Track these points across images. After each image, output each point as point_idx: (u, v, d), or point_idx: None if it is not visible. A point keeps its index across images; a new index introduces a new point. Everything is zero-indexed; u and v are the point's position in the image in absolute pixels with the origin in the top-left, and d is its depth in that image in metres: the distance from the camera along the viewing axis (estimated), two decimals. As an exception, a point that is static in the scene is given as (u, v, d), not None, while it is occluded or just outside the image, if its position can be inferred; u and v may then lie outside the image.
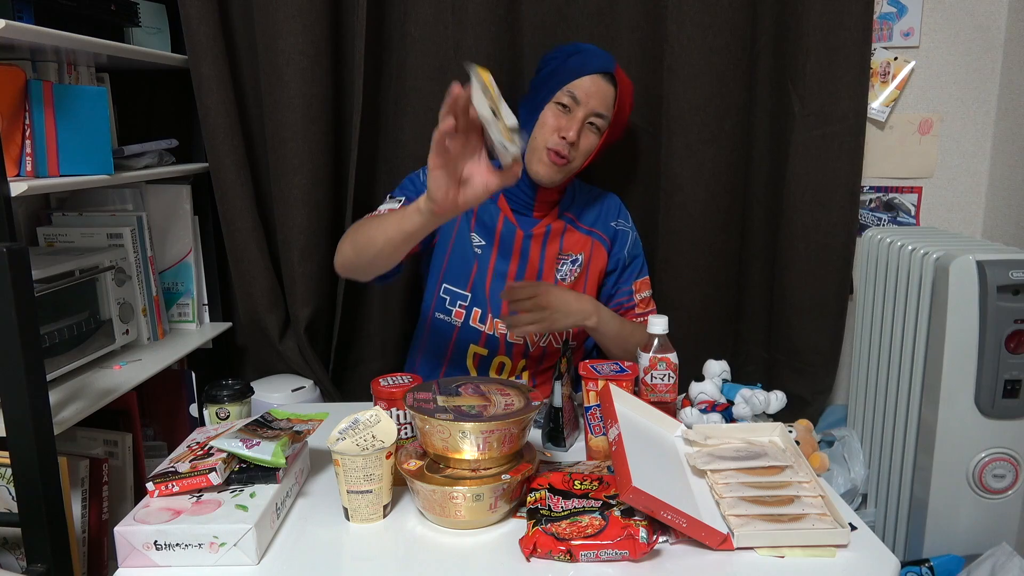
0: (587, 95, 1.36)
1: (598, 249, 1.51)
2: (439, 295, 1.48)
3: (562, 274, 1.48)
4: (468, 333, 1.48)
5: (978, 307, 1.31)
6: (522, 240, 1.47)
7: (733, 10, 1.58)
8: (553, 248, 1.48)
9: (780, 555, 0.90)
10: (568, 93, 1.36)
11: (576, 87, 1.35)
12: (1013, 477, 1.35)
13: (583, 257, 1.50)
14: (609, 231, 1.52)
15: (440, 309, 1.48)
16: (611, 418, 1.04)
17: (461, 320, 1.47)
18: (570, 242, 1.49)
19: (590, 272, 1.51)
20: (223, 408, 1.16)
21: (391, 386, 1.08)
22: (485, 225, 1.46)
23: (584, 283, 1.50)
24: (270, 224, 1.69)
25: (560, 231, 1.48)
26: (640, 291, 1.56)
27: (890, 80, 1.72)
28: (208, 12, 1.52)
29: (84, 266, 1.38)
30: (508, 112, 0.94)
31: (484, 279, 1.46)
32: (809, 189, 1.64)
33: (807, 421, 1.18)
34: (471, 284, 1.46)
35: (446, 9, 1.59)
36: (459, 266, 1.46)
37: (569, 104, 1.36)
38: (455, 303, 1.47)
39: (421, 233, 1.10)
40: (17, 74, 1.22)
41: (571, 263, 1.49)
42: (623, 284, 1.55)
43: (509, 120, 0.94)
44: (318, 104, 1.58)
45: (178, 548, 0.88)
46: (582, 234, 1.50)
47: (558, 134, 1.36)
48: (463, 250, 1.46)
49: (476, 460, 0.97)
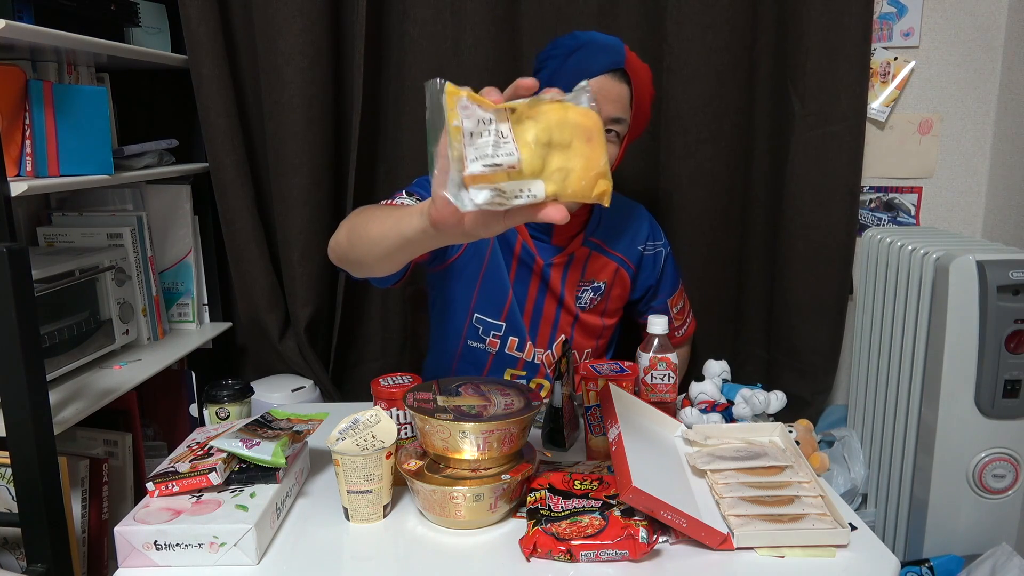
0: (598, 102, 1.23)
1: (621, 276, 1.41)
2: (471, 324, 1.37)
3: (582, 302, 1.39)
4: (504, 360, 1.40)
5: (978, 307, 1.31)
6: (542, 268, 1.36)
7: (733, 10, 1.58)
8: (575, 275, 1.38)
9: (780, 555, 0.90)
10: None
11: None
12: (1013, 477, 1.35)
13: (605, 285, 1.40)
14: (635, 256, 1.42)
15: (473, 337, 1.38)
16: (611, 418, 1.04)
17: (496, 348, 1.38)
18: (594, 268, 1.39)
19: (610, 299, 1.42)
20: (223, 408, 1.16)
21: (391, 386, 1.08)
22: (506, 246, 1.36)
23: (603, 310, 1.42)
24: (270, 224, 1.69)
25: (584, 258, 1.37)
26: (675, 305, 1.50)
27: (890, 80, 1.72)
28: (208, 12, 1.52)
29: (84, 266, 1.38)
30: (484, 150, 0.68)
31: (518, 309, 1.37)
32: (809, 189, 1.64)
33: (807, 421, 1.18)
34: (505, 315, 1.36)
35: (445, 9, 1.59)
36: (493, 296, 1.36)
37: None
38: (488, 332, 1.37)
39: (419, 242, 0.87)
40: (17, 74, 1.22)
41: (592, 291, 1.39)
42: (656, 303, 1.49)
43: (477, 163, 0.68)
44: (318, 104, 1.58)
45: (178, 548, 0.88)
46: (607, 259, 1.40)
47: None
48: (498, 279, 1.35)
49: (476, 460, 0.97)
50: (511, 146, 0.69)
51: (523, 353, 1.39)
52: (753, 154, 1.71)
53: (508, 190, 0.69)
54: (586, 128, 0.71)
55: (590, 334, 1.43)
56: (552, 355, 1.41)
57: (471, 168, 0.67)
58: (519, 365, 1.40)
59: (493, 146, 0.68)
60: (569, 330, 1.41)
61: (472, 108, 0.68)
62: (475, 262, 1.35)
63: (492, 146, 0.68)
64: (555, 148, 0.70)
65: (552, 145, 0.70)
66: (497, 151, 0.68)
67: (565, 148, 0.71)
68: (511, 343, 1.38)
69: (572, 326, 1.41)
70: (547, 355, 1.41)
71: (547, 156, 0.70)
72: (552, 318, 1.39)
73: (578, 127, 0.71)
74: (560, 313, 1.39)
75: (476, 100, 0.68)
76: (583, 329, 1.42)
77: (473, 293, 1.36)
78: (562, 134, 0.70)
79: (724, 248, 1.71)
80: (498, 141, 0.68)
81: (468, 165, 0.67)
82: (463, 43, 1.59)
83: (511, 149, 0.69)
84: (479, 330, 1.38)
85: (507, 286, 1.35)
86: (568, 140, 0.70)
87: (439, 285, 1.41)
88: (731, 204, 1.70)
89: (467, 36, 1.58)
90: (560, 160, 0.70)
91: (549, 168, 0.70)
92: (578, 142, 0.71)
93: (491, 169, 0.68)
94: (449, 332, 1.41)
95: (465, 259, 1.35)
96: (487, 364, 1.40)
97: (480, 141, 0.68)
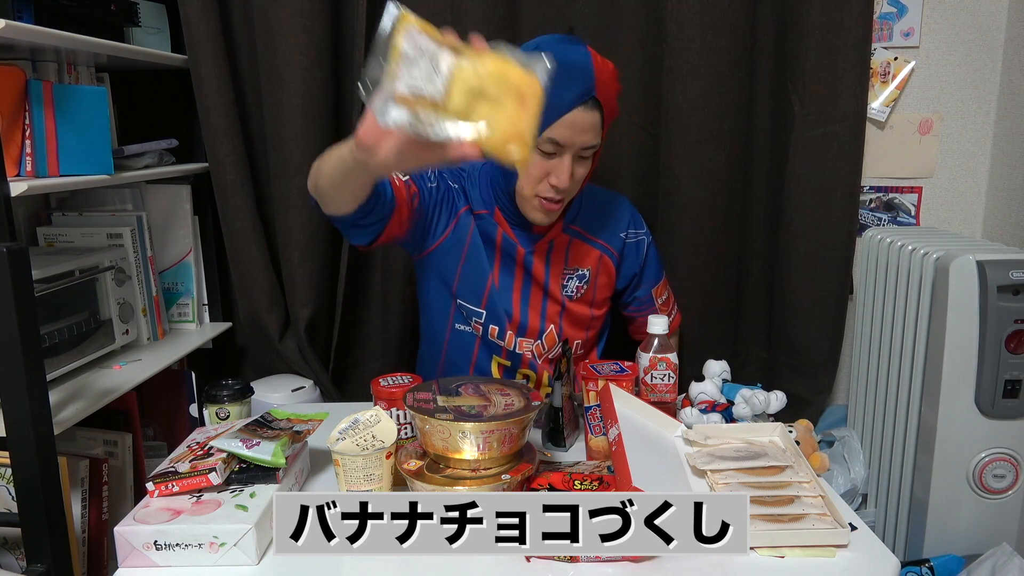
0: (570, 138, 1.18)
1: (605, 264, 1.43)
2: (456, 308, 1.40)
3: (568, 291, 1.40)
4: (489, 346, 1.41)
5: (978, 307, 1.31)
6: (524, 256, 1.37)
7: (733, 10, 1.58)
8: (558, 262, 1.39)
9: (780, 555, 0.90)
10: (548, 140, 1.17)
11: (555, 132, 1.17)
12: (1013, 477, 1.35)
13: (590, 273, 1.41)
14: (618, 243, 1.43)
15: (459, 320, 1.41)
16: (611, 418, 1.04)
17: (480, 333, 1.40)
18: (576, 255, 1.40)
19: (597, 288, 1.43)
20: (223, 408, 1.16)
21: (391, 386, 1.08)
22: (487, 238, 1.38)
23: (591, 299, 1.43)
24: (270, 224, 1.69)
25: (565, 244, 1.38)
26: (660, 295, 1.52)
27: (890, 80, 1.72)
28: (208, 12, 1.52)
29: (84, 266, 1.38)
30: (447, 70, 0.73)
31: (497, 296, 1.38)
32: (809, 189, 1.64)
33: (807, 421, 1.18)
34: (485, 302, 1.38)
35: (445, 9, 1.59)
36: (473, 283, 1.37)
37: (553, 150, 1.19)
38: (470, 318, 1.39)
39: (353, 168, 0.95)
40: (17, 74, 1.22)
41: (578, 279, 1.40)
42: (640, 294, 1.50)
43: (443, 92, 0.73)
44: (318, 104, 1.58)
45: (178, 548, 0.88)
46: (590, 247, 1.41)
47: (548, 182, 1.22)
48: (478, 267, 1.36)
49: (476, 460, 0.97)
50: (440, 81, 0.73)
51: (504, 342, 1.40)
52: (753, 154, 1.71)
53: (424, 120, 0.74)
54: (521, 91, 0.75)
55: (579, 324, 1.44)
56: (543, 346, 1.42)
57: (398, 88, 0.72)
58: (503, 354, 1.42)
59: (424, 77, 0.73)
60: (558, 320, 1.41)
61: (419, 38, 0.73)
62: (455, 251, 1.37)
63: (423, 77, 0.73)
64: (485, 99, 0.74)
65: (483, 95, 0.74)
66: (427, 83, 0.73)
67: (494, 102, 0.74)
68: (492, 331, 1.39)
69: (560, 316, 1.41)
70: (536, 345, 1.41)
71: (474, 103, 0.74)
72: (539, 308, 1.40)
73: (513, 88, 0.75)
74: (547, 303, 1.40)
75: (427, 31, 0.74)
76: (572, 319, 1.42)
77: (455, 279, 1.38)
78: (495, 88, 0.74)
79: (724, 248, 1.71)
80: (431, 74, 0.73)
81: (397, 85, 0.72)
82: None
83: (439, 85, 0.73)
84: (463, 314, 1.40)
85: (486, 274, 1.37)
86: (498, 95, 0.74)
87: (424, 274, 1.43)
88: (731, 204, 1.69)
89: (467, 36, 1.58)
90: (486, 111, 0.74)
91: (473, 115, 0.74)
92: (509, 101, 0.74)
93: (414, 94, 0.73)
94: (435, 318, 1.43)
95: (445, 247, 1.36)
96: (475, 348, 1.42)
97: (416, 69, 0.72)
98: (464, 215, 1.35)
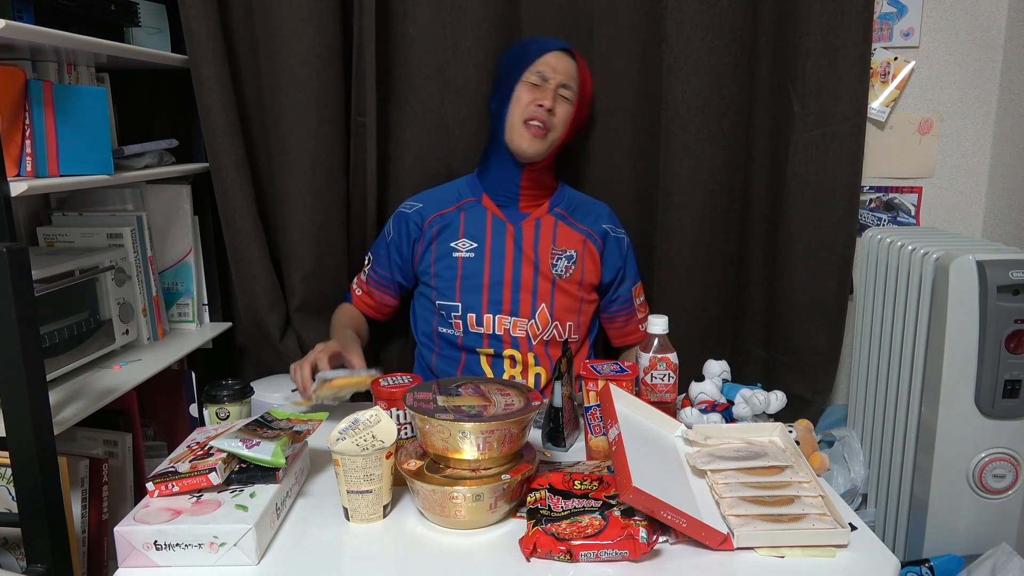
0: (553, 70, 1.46)
1: (590, 248, 1.54)
2: (439, 315, 1.51)
3: (558, 270, 1.50)
4: (471, 340, 1.49)
5: (978, 307, 1.31)
6: (514, 233, 1.50)
7: (733, 10, 1.58)
8: (547, 241, 1.51)
9: (780, 555, 0.90)
10: (535, 72, 1.45)
11: (541, 65, 1.45)
12: (1013, 477, 1.35)
13: (577, 254, 1.52)
14: (600, 232, 1.56)
15: (442, 324, 1.52)
16: (611, 418, 1.04)
17: (461, 330, 1.49)
18: (563, 236, 1.52)
19: (585, 270, 1.53)
20: (223, 408, 1.16)
21: (391, 386, 1.08)
22: (474, 229, 1.50)
23: (581, 279, 1.52)
24: (270, 224, 1.69)
25: (552, 225, 1.52)
26: (638, 296, 1.63)
27: (890, 80, 1.72)
28: (208, 12, 1.52)
29: (84, 266, 1.38)
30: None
31: (475, 282, 1.48)
32: (809, 189, 1.64)
33: (807, 421, 1.18)
34: (458, 292, 1.48)
35: (445, 9, 1.59)
36: (446, 281, 1.50)
37: (538, 81, 1.45)
38: (451, 316, 1.49)
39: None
40: (17, 74, 1.22)
41: (567, 259, 1.51)
42: (623, 291, 1.60)
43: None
44: (318, 104, 1.57)
45: (178, 548, 0.88)
46: (574, 230, 1.54)
47: (535, 103, 1.43)
48: (448, 265, 1.50)
49: (476, 460, 0.97)
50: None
51: (483, 328, 1.48)
52: (753, 154, 1.71)
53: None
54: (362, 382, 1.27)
55: (570, 306, 1.52)
56: (537, 326, 1.49)
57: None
58: (484, 343, 1.49)
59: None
60: (549, 298, 1.49)
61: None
62: (426, 253, 1.52)
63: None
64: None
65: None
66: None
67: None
68: (470, 319, 1.48)
69: (551, 294, 1.49)
70: (531, 325, 1.49)
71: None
72: (531, 285, 1.49)
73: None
74: (538, 279, 1.49)
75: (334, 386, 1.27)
76: (563, 298, 1.50)
77: (431, 288, 1.51)
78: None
79: (724, 248, 1.71)
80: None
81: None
82: (463, 43, 1.59)
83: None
84: (444, 315, 1.51)
85: (453, 263, 1.48)
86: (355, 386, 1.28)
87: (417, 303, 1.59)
88: (731, 204, 1.69)
89: (467, 36, 1.58)
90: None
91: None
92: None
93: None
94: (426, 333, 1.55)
95: (423, 255, 1.53)
96: (460, 347, 1.51)
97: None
98: (429, 225, 1.52)
